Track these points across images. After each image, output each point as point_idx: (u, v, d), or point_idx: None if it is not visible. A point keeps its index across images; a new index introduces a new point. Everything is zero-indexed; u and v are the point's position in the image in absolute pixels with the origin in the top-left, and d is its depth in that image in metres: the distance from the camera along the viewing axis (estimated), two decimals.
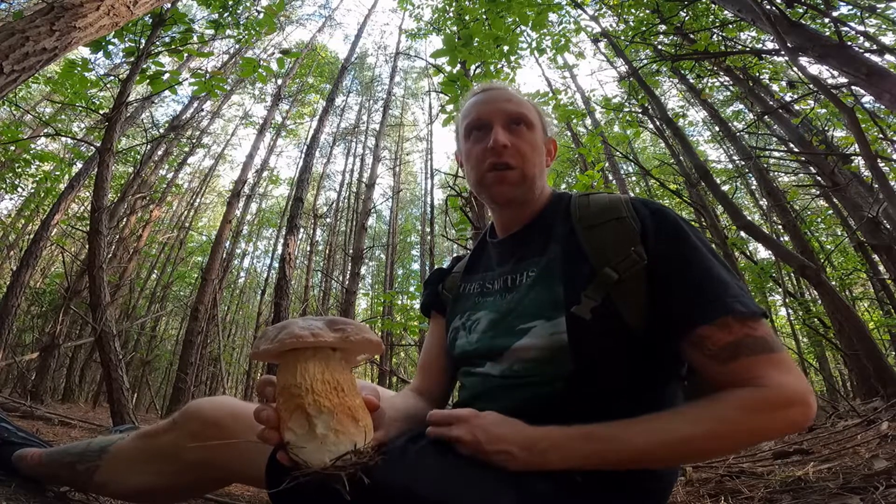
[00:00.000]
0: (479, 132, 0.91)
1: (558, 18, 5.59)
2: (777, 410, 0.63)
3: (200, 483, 0.95)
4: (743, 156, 6.41)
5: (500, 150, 0.87)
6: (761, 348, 0.66)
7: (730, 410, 0.64)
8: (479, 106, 0.93)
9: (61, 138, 9.40)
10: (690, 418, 0.66)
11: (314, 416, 0.55)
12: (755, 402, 0.63)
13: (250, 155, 10.42)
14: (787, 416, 0.63)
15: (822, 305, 4.87)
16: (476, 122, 0.92)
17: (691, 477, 1.65)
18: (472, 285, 0.98)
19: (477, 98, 0.95)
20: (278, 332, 0.58)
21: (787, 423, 0.64)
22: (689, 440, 0.64)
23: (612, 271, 0.74)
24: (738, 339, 0.67)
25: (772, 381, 0.64)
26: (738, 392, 0.65)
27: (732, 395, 0.65)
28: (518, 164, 0.88)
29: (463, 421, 0.69)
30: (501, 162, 0.87)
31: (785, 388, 0.63)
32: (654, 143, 13.80)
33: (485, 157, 0.89)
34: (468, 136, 0.94)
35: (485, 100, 0.93)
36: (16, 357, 6.33)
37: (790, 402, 0.63)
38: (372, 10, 14.36)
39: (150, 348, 11.48)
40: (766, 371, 0.65)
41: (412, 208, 19.92)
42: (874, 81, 2.52)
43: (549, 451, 0.66)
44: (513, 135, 0.89)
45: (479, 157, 0.90)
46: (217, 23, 4.45)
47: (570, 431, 0.67)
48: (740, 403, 0.64)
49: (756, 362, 0.65)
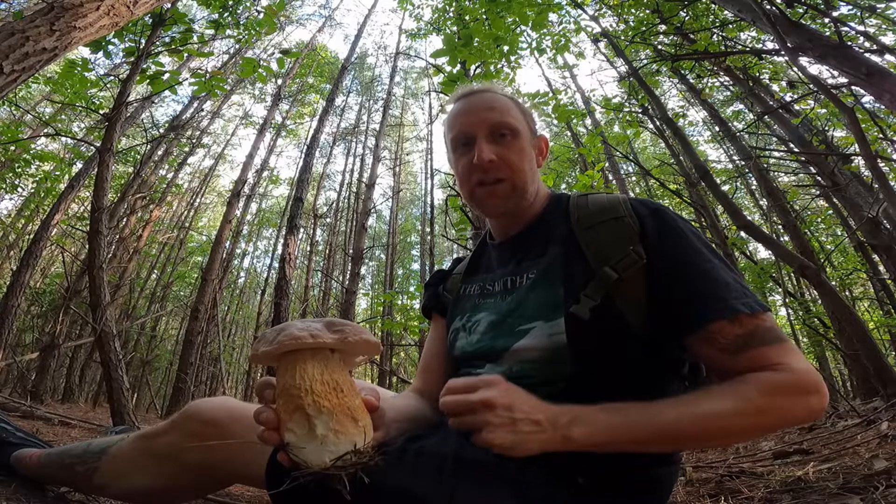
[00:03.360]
0: (463, 146, 0.90)
1: (558, 18, 5.58)
2: (798, 395, 0.63)
3: (200, 484, 0.95)
4: (743, 156, 6.41)
5: (486, 167, 0.85)
6: (773, 338, 0.67)
7: (753, 391, 0.63)
8: (461, 118, 0.90)
9: (61, 138, 9.40)
10: (716, 396, 0.65)
11: (314, 416, 0.55)
12: (777, 384, 0.63)
13: (250, 155, 10.43)
14: (808, 403, 0.63)
15: (822, 305, 4.87)
16: (460, 137, 0.90)
17: (691, 477, 1.65)
18: (472, 287, 0.98)
19: (458, 108, 0.93)
20: (277, 334, 0.58)
21: (806, 409, 0.64)
22: (717, 416, 0.63)
23: (612, 271, 0.74)
24: (750, 330, 0.67)
25: (791, 367, 0.64)
26: (760, 375, 0.64)
27: (755, 377, 0.65)
28: (507, 175, 0.86)
29: (493, 384, 0.63)
30: (489, 178, 0.86)
31: (804, 374, 0.64)
32: (654, 143, 13.80)
33: (472, 173, 0.88)
34: (455, 151, 0.92)
35: (466, 110, 0.91)
36: (16, 357, 6.32)
37: (809, 388, 0.63)
38: (372, 10, 14.36)
39: (150, 348, 11.48)
40: (783, 358, 0.65)
41: (412, 208, 19.93)
42: (874, 81, 2.51)
43: (573, 424, 0.62)
44: (498, 146, 0.87)
45: (466, 173, 0.89)
46: (217, 23, 4.45)
47: (593, 407, 0.64)
48: (763, 385, 0.63)
49: (771, 350, 0.66)
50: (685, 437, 0.65)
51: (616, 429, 0.63)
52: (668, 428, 0.63)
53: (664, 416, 0.63)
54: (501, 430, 0.59)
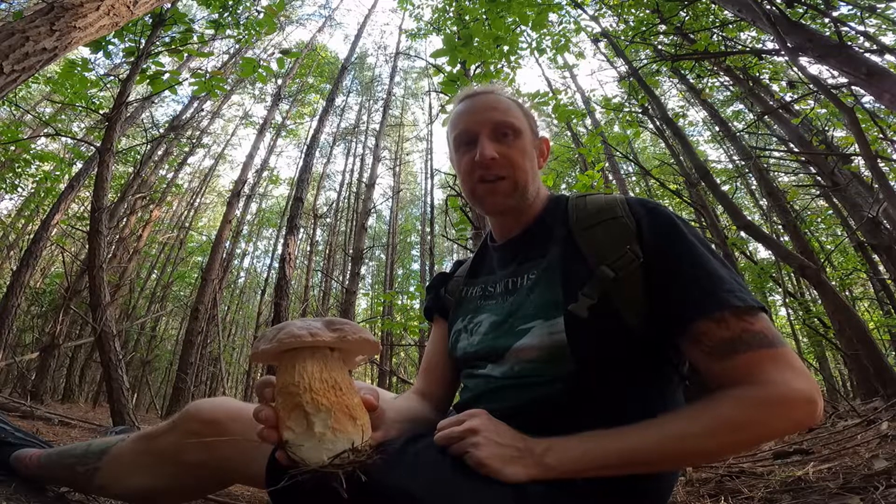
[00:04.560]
0: (466, 145, 0.91)
1: (558, 18, 5.58)
2: (775, 408, 0.62)
3: (201, 484, 0.95)
4: (743, 156, 6.41)
5: (488, 164, 0.86)
6: (759, 343, 0.65)
7: (726, 409, 0.63)
8: (465, 117, 0.92)
9: (61, 138, 9.40)
10: (687, 416, 0.66)
11: (312, 414, 0.55)
12: (751, 400, 0.63)
13: (250, 155, 10.43)
14: (789, 415, 0.62)
15: (822, 305, 4.86)
16: (463, 136, 0.91)
17: (691, 477, 1.65)
18: (474, 289, 0.98)
19: (462, 108, 0.94)
20: (277, 332, 0.59)
21: (789, 421, 0.63)
22: (686, 437, 0.64)
23: (609, 270, 0.75)
24: (736, 334, 0.66)
25: (769, 379, 0.63)
26: (735, 390, 0.64)
27: (729, 393, 0.64)
28: (508, 173, 0.88)
29: (477, 415, 0.69)
30: (490, 175, 0.87)
31: (783, 385, 0.62)
32: (654, 143, 13.80)
33: (474, 170, 0.89)
34: (458, 149, 0.93)
35: (470, 109, 0.92)
36: (16, 357, 6.32)
37: (789, 400, 0.62)
38: (372, 10, 14.36)
39: (150, 348, 11.48)
40: (764, 368, 0.64)
41: (412, 208, 19.93)
42: (874, 81, 2.52)
43: (548, 452, 0.66)
44: (500, 144, 0.88)
45: (468, 171, 0.90)
46: (217, 23, 4.45)
47: (568, 437, 0.68)
48: (737, 402, 0.63)
49: (754, 358, 0.64)
50: (656, 461, 0.66)
51: (588, 454, 0.66)
52: (637, 454, 0.65)
53: (633, 441, 0.65)
54: (487, 447, 0.64)
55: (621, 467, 0.66)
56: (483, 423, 0.67)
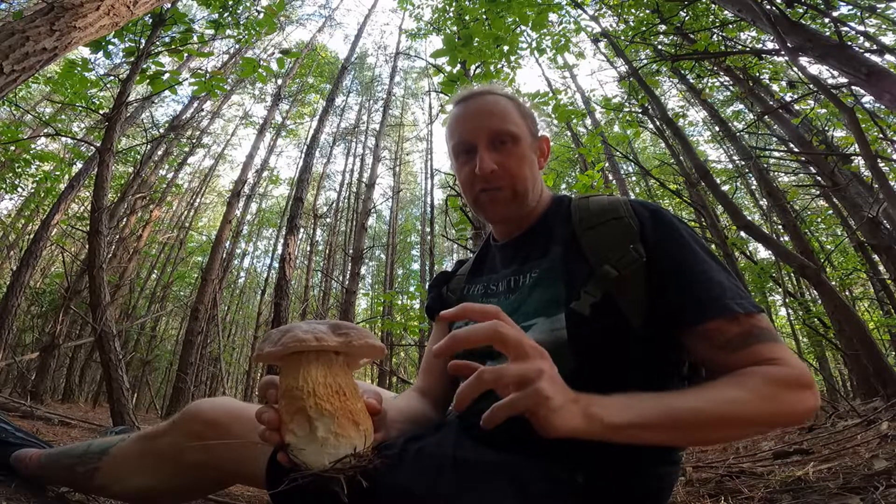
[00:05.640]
0: (465, 154, 0.91)
1: (558, 18, 5.58)
2: (798, 389, 0.63)
3: (201, 484, 0.95)
4: (743, 156, 6.41)
5: (488, 177, 0.87)
6: (769, 337, 0.68)
7: (759, 381, 0.63)
8: (462, 125, 0.91)
9: (61, 138, 9.39)
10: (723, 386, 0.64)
11: (315, 418, 0.55)
12: (778, 376, 0.63)
13: (250, 155, 10.44)
14: (806, 399, 0.63)
15: (822, 305, 4.86)
16: (461, 145, 0.91)
17: (691, 477, 1.65)
18: (476, 287, 0.98)
19: (459, 113, 0.93)
20: (282, 335, 0.58)
21: (804, 405, 0.63)
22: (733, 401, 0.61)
23: (612, 268, 0.75)
24: (747, 329, 0.68)
25: (789, 362, 0.65)
26: (763, 368, 0.64)
27: (758, 369, 0.64)
28: (508, 184, 0.88)
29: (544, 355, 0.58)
30: (490, 186, 0.88)
31: (801, 369, 0.64)
32: (654, 143, 13.80)
33: (474, 181, 0.89)
34: (457, 158, 0.93)
35: (467, 116, 0.91)
36: (16, 357, 6.32)
37: (806, 383, 0.64)
38: (372, 10, 14.36)
39: (150, 348, 11.48)
40: (782, 354, 0.66)
41: (412, 208, 19.94)
42: (874, 81, 2.52)
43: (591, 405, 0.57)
44: (499, 154, 0.88)
45: (469, 182, 0.91)
46: (217, 23, 4.45)
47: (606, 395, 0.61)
48: (767, 376, 0.63)
49: (769, 347, 0.66)
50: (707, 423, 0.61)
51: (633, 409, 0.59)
52: (692, 415, 0.60)
53: (685, 399, 0.62)
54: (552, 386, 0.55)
55: (664, 429, 0.60)
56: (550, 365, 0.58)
